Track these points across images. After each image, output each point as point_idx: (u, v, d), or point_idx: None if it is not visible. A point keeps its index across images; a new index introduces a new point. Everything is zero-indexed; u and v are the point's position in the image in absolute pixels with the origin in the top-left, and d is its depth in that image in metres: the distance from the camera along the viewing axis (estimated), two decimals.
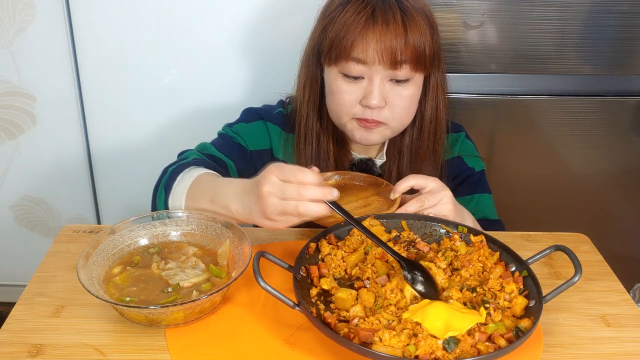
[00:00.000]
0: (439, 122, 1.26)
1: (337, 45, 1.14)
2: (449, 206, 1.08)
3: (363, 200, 1.17)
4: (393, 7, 1.12)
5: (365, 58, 1.12)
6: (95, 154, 1.84)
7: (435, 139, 1.27)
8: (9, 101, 1.76)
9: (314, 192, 0.88)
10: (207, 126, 1.42)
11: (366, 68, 1.14)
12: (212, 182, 1.09)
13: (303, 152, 1.28)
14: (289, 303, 0.85)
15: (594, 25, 1.61)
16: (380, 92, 1.15)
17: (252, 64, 1.73)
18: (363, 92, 1.16)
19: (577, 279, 0.88)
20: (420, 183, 1.10)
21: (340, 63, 1.15)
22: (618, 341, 0.91)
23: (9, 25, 1.66)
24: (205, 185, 1.09)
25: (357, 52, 1.12)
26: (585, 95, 1.70)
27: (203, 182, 1.10)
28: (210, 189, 1.07)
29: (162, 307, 0.86)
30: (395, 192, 1.11)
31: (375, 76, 1.14)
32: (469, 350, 0.80)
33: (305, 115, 1.26)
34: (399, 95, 1.17)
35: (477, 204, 1.29)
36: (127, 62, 1.71)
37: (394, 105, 1.17)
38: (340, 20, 1.14)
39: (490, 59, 1.65)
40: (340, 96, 1.18)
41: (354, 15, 1.12)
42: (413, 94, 1.19)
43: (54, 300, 0.95)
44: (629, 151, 1.78)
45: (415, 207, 1.07)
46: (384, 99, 1.16)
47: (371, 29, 1.11)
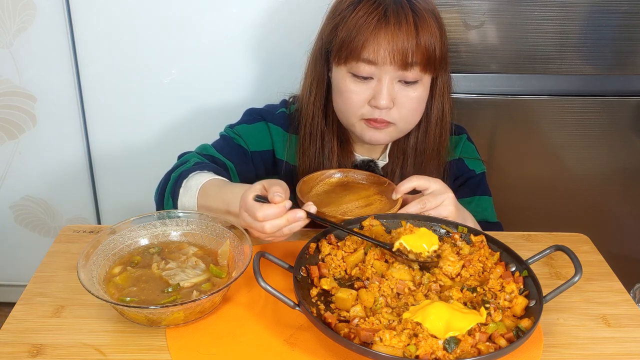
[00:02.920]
0: (444, 123, 1.26)
1: (347, 45, 1.13)
2: (450, 208, 1.08)
3: (365, 200, 1.17)
4: (405, 8, 1.12)
5: (376, 59, 1.12)
6: (96, 154, 1.84)
7: (440, 141, 1.27)
8: (9, 101, 1.76)
9: (274, 225, 0.93)
10: (209, 126, 1.42)
11: (376, 69, 1.14)
12: (220, 190, 1.10)
13: (307, 152, 1.28)
14: (289, 303, 0.85)
15: (594, 25, 1.61)
16: (389, 93, 1.15)
17: (254, 63, 1.73)
18: (372, 92, 1.16)
19: (577, 279, 0.88)
20: (423, 184, 1.10)
21: (350, 63, 1.15)
22: (618, 341, 0.91)
23: (9, 25, 1.66)
24: (214, 195, 1.10)
25: (368, 53, 1.12)
26: (585, 95, 1.70)
27: (210, 190, 1.11)
28: (221, 198, 1.08)
29: (162, 307, 0.86)
30: (398, 192, 1.11)
31: (384, 77, 1.14)
32: (470, 350, 0.80)
33: (311, 115, 1.26)
34: (407, 97, 1.16)
35: (476, 206, 1.29)
36: (128, 62, 1.71)
37: (402, 106, 1.17)
38: (351, 20, 1.13)
39: (490, 59, 1.65)
40: (349, 96, 1.17)
41: (366, 15, 1.12)
42: (421, 95, 1.18)
43: (54, 300, 0.95)
44: (629, 151, 1.78)
45: (417, 208, 1.07)
46: (393, 100, 1.16)
47: (383, 30, 1.11)
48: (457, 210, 1.10)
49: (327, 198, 1.18)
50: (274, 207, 0.93)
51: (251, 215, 0.94)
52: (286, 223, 0.94)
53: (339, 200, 1.17)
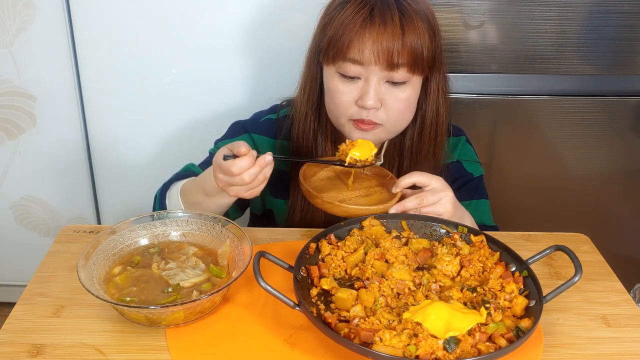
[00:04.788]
0: (439, 126, 1.25)
1: (334, 45, 1.13)
2: (447, 206, 1.09)
3: (365, 190, 1.18)
4: (392, 8, 1.11)
5: (361, 58, 1.11)
6: (95, 154, 1.84)
7: (435, 143, 1.26)
8: (9, 101, 1.76)
9: (251, 174, 1.01)
10: (209, 126, 1.42)
11: (363, 69, 1.13)
12: (195, 182, 1.18)
13: (300, 152, 1.27)
14: (290, 303, 0.85)
15: (594, 25, 1.61)
16: (376, 93, 1.14)
17: (255, 64, 1.73)
18: (359, 92, 1.15)
19: (577, 279, 0.88)
20: (423, 181, 1.10)
21: (337, 62, 1.14)
22: (618, 341, 0.91)
23: (9, 25, 1.66)
24: (192, 189, 1.17)
25: (353, 52, 1.11)
26: (585, 95, 1.70)
27: (188, 189, 1.18)
28: (199, 187, 1.15)
29: (162, 307, 0.86)
30: (397, 186, 1.12)
31: (371, 77, 1.13)
32: (470, 350, 0.80)
33: (304, 115, 1.26)
34: (395, 98, 1.15)
35: (474, 210, 1.28)
36: (128, 62, 1.71)
37: (389, 107, 1.16)
38: (338, 19, 1.13)
39: (490, 59, 1.65)
40: (336, 96, 1.17)
41: (352, 14, 1.11)
42: (410, 96, 1.17)
43: (54, 300, 0.95)
44: (629, 151, 1.78)
45: (414, 203, 1.08)
46: (380, 100, 1.15)
47: (368, 29, 1.10)
48: (454, 209, 1.10)
49: (330, 184, 1.19)
50: (245, 159, 1.00)
51: (227, 173, 1.01)
52: (259, 169, 1.01)
53: (340, 188, 1.18)
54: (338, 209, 1.07)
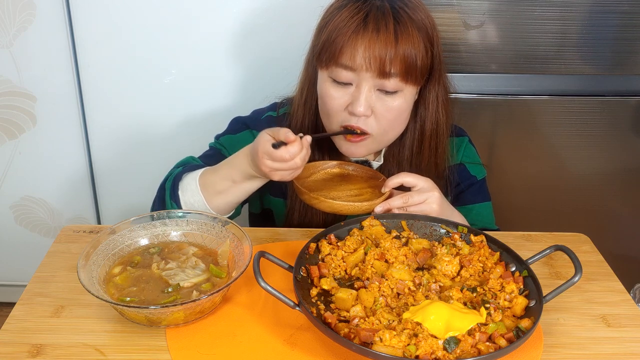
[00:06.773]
0: (440, 137, 1.23)
1: (327, 49, 1.12)
2: (433, 206, 1.09)
3: (357, 190, 1.19)
4: (387, 16, 1.09)
5: (353, 64, 1.10)
6: (96, 154, 1.84)
7: (437, 154, 1.25)
8: (9, 101, 1.76)
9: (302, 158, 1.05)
10: (209, 126, 1.42)
11: (354, 75, 1.11)
12: (217, 172, 1.15)
13: None
14: (289, 303, 0.85)
15: (594, 25, 1.61)
16: (366, 100, 1.12)
17: (255, 64, 1.73)
18: (350, 98, 1.13)
19: (577, 279, 0.88)
20: (411, 181, 1.11)
21: (330, 67, 1.13)
22: (618, 341, 0.91)
23: (9, 25, 1.66)
24: (215, 179, 1.15)
25: (345, 58, 1.10)
26: (585, 95, 1.70)
27: (208, 179, 1.15)
28: (225, 176, 1.14)
29: (162, 307, 0.86)
30: (386, 186, 1.12)
31: (363, 83, 1.11)
32: (470, 350, 0.80)
33: (301, 117, 1.26)
34: (386, 106, 1.13)
35: (477, 214, 1.28)
36: (128, 62, 1.71)
37: (380, 115, 1.14)
38: (333, 23, 1.12)
39: (490, 59, 1.65)
40: (328, 101, 1.16)
41: (347, 19, 1.10)
42: (401, 106, 1.15)
43: (54, 300, 0.95)
44: (629, 151, 1.78)
45: (400, 202, 1.09)
46: (371, 108, 1.13)
47: (361, 35, 1.08)
48: (440, 209, 1.10)
49: (323, 184, 1.20)
50: (296, 145, 1.03)
51: (279, 160, 1.03)
52: (307, 152, 1.05)
53: (332, 188, 1.19)
54: (324, 205, 1.09)
